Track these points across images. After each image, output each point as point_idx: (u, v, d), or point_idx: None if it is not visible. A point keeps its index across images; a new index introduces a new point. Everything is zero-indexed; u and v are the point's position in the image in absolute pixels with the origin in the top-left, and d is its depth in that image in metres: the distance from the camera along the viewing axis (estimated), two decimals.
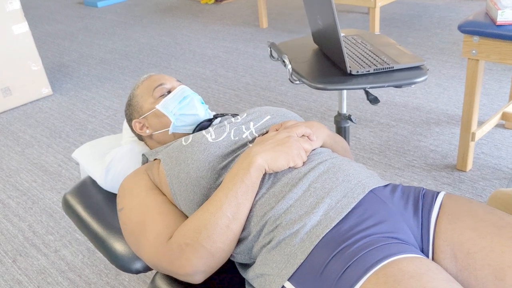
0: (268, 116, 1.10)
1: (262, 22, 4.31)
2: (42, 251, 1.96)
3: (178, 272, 0.90)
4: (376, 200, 0.89)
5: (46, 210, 2.20)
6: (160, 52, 4.03)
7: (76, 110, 3.18)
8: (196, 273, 0.89)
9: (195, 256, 0.88)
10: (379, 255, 0.77)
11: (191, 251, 0.88)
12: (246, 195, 0.90)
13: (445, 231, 0.86)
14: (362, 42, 1.50)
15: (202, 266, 0.88)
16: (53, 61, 4.11)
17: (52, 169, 2.52)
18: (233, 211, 0.88)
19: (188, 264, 0.88)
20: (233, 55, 3.78)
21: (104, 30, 4.85)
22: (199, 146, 1.00)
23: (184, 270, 0.89)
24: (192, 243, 0.88)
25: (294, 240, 0.84)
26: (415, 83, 1.24)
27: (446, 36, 3.67)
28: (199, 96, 1.22)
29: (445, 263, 0.85)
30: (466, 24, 1.87)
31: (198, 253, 0.87)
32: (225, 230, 0.88)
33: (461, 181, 2.10)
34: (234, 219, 0.89)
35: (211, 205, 0.90)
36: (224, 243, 0.88)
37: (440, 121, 2.57)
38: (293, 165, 0.94)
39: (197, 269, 0.89)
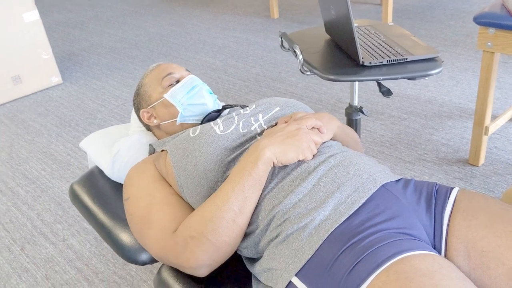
0: (277, 108, 1.08)
1: (273, 12, 4.27)
2: (50, 240, 1.96)
3: (183, 265, 0.88)
4: (388, 195, 0.87)
5: (54, 199, 2.21)
6: (170, 42, 4.01)
7: (86, 99, 3.17)
8: (201, 267, 0.88)
9: (200, 249, 0.86)
10: (390, 251, 0.75)
11: (196, 244, 0.86)
12: (253, 189, 0.88)
13: (459, 228, 0.84)
14: (375, 33, 1.47)
15: (207, 260, 0.87)
16: (63, 50, 4.11)
17: (61, 158, 2.52)
18: (239, 205, 0.87)
19: (193, 257, 0.86)
20: (243, 46, 3.75)
21: (115, 19, 4.84)
22: (207, 138, 0.98)
23: (189, 263, 0.87)
24: (197, 236, 0.86)
25: (302, 235, 0.83)
26: (429, 75, 1.21)
27: (460, 28, 3.61)
28: (208, 87, 1.20)
29: (458, 260, 0.82)
30: (482, 16, 1.83)
31: (203, 246, 0.86)
32: (231, 224, 0.86)
33: (473, 175, 2.07)
34: (241, 213, 0.87)
35: (218, 198, 0.88)
36: (229, 237, 0.87)
37: (452, 114, 2.53)
38: (302, 158, 0.92)
39: (202, 263, 0.87)
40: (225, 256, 0.89)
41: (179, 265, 0.90)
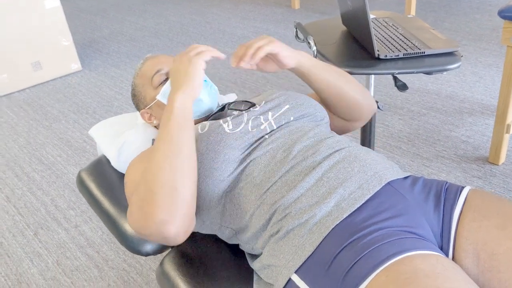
0: (287, 106, 1.05)
1: (294, 2, 4.22)
2: (63, 226, 1.98)
3: (152, 232, 0.84)
4: (394, 193, 0.84)
5: (69, 185, 2.22)
6: (190, 31, 4.00)
7: (104, 86, 3.18)
8: (167, 227, 0.82)
9: (153, 206, 0.83)
10: (391, 250, 0.72)
11: (147, 203, 0.83)
12: (178, 136, 0.88)
13: (469, 228, 0.80)
14: (393, 25, 1.42)
15: (166, 215, 0.82)
16: (83, 37, 4.13)
17: (77, 144, 2.54)
18: (171, 149, 0.86)
19: (151, 218, 0.82)
20: None
21: (136, 7, 4.84)
22: (216, 136, 0.95)
23: (154, 227, 0.82)
24: (145, 196, 0.84)
25: (302, 231, 0.80)
26: (446, 71, 1.17)
27: (486, 22, 3.51)
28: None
29: (466, 262, 0.79)
30: (507, 10, 1.76)
31: (154, 202, 0.83)
32: (169, 169, 0.84)
33: (493, 174, 2.01)
34: (174, 155, 0.86)
35: (151, 158, 0.88)
36: (174, 181, 0.84)
37: (473, 111, 2.47)
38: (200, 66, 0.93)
39: (163, 220, 0.82)
40: (184, 207, 0.84)
41: (152, 236, 0.85)
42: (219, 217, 0.94)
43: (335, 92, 1.10)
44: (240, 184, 0.91)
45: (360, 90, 1.13)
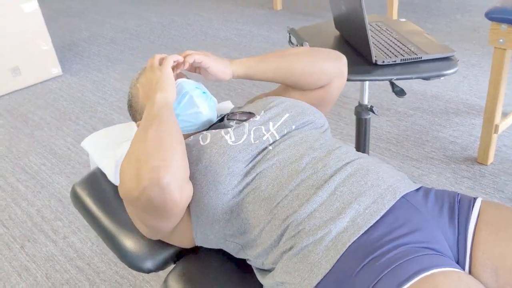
0: (287, 114, 1.03)
1: (276, 3, 4.21)
2: (51, 237, 1.93)
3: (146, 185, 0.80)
4: (409, 207, 0.83)
5: (55, 195, 2.17)
6: (172, 33, 3.95)
7: (86, 91, 3.12)
8: (160, 173, 0.80)
9: (144, 157, 0.82)
10: (413, 268, 0.70)
11: (138, 158, 0.83)
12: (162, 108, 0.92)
13: (485, 242, 0.80)
14: (387, 30, 1.42)
15: (158, 160, 0.81)
16: (63, 40, 4.05)
17: (61, 152, 2.48)
18: (154, 120, 0.89)
19: (144, 168, 0.81)
20: (246, 38, 3.69)
21: (115, 9, 4.76)
22: (218, 149, 0.93)
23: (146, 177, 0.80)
24: (136, 155, 0.85)
25: (318, 248, 0.78)
26: (444, 76, 1.17)
27: (466, 22, 3.55)
28: (200, 88, 1.10)
29: (484, 277, 0.78)
30: (494, 11, 1.78)
31: (144, 153, 0.83)
32: (155, 128, 0.87)
33: (482, 175, 2.03)
34: (158, 121, 0.88)
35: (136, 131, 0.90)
36: (161, 136, 0.86)
37: (459, 111, 2.49)
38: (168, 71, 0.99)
39: (156, 166, 0.80)
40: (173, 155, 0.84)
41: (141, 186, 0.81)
42: (223, 231, 0.92)
43: (287, 73, 1.13)
44: (247, 198, 0.89)
45: (312, 54, 1.14)
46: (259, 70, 1.12)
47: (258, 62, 1.12)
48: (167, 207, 0.83)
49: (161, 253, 1.02)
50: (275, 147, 0.94)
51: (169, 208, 0.83)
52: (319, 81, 1.15)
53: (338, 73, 1.16)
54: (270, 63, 1.12)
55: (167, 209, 0.83)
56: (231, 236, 0.92)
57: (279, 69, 1.12)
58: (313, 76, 1.13)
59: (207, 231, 0.93)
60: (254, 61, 1.12)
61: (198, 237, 0.96)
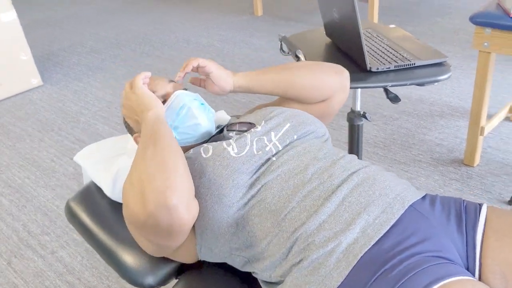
0: (288, 124, 1.02)
1: (257, 9, 4.21)
2: (38, 253, 1.88)
3: (152, 209, 0.79)
4: (417, 216, 0.83)
5: (40, 209, 2.12)
6: (153, 41, 3.92)
7: (68, 101, 3.07)
8: (167, 194, 0.78)
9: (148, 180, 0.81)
10: (427, 279, 0.70)
11: (142, 182, 0.82)
12: (156, 123, 0.92)
13: (493, 249, 0.80)
14: (377, 36, 1.43)
15: (163, 182, 0.80)
16: (42, 50, 3.98)
17: (45, 164, 2.43)
18: (152, 139, 0.88)
19: (149, 191, 0.79)
20: (228, 44, 3.68)
21: (94, 18, 4.71)
22: (222, 161, 0.92)
23: (153, 199, 0.78)
24: (138, 178, 0.83)
25: (329, 260, 0.78)
26: (438, 81, 1.18)
27: (447, 24, 3.61)
28: (198, 99, 1.08)
29: (495, 284, 0.79)
30: (478, 16, 1.80)
31: (148, 176, 0.82)
32: (153, 149, 0.86)
33: (469, 176, 2.05)
34: (157, 139, 0.88)
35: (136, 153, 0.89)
36: (162, 156, 0.85)
37: (444, 113, 2.52)
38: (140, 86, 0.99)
39: (162, 188, 0.79)
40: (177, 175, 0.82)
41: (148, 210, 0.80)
42: (229, 245, 0.91)
43: (288, 86, 1.13)
44: (253, 211, 0.88)
45: (314, 68, 1.14)
46: (260, 82, 1.11)
47: (259, 74, 1.12)
48: (175, 227, 0.81)
49: (162, 268, 1.00)
50: (279, 158, 0.94)
51: (177, 228, 0.82)
52: (321, 95, 1.15)
53: (340, 88, 1.16)
54: (271, 75, 1.12)
55: (175, 229, 0.82)
56: (237, 249, 0.90)
57: (280, 82, 1.12)
58: (315, 90, 1.13)
59: (212, 245, 0.92)
60: (255, 74, 1.12)
61: (202, 252, 0.94)
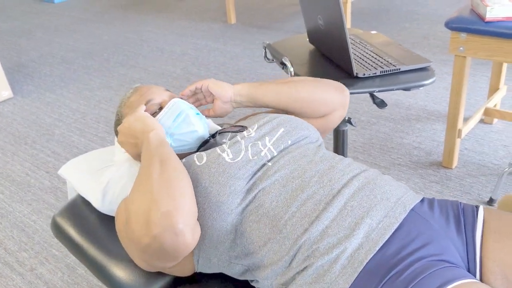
0: (282, 129, 1.02)
1: (230, 17, 4.22)
2: (17, 270, 1.82)
3: (157, 232, 0.77)
4: (418, 219, 0.83)
5: (17, 225, 2.05)
6: (126, 50, 3.87)
7: (41, 113, 2.99)
8: (173, 217, 0.77)
9: (153, 203, 0.79)
10: (434, 283, 0.71)
11: (146, 204, 0.80)
12: (159, 146, 0.92)
13: (493, 250, 0.81)
14: (360, 42, 1.44)
15: (169, 205, 0.78)
16: (10, 61, 3.88)
17: (19, 179, 2.36)
18: (155, 159, 0.87)
19: (154, 214, 0.77)
20: (203, 52, 3.67)
21: (64, 27, 4.62)
22: (217, 168, 0.90)
23: (158, 223, 0.77)
24: (141, 201, 0.82)
25: (334, 267, 0.77)
26: (424, 86, 1.19)
27: (416, 30, 3.68)
28: (194, 109, 1.09)
29: (496, 284, 0.80)
30: (454, 21, 1.85)
31: (153, 199, 0.80)
32: (158, 170, 0.85)
33: (448, 178, 2.09)
34: (161, 161, 0.87)
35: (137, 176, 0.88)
36: (168, 177, 0.83)
37: (420, 117, 2.57)
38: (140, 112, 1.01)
39: (167, 211, 0.78)
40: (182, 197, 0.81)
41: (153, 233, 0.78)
42: (228, 253, 0.89)
43: (289, 99, 1.13)
44: (251, 217, 0.87)
45: (316, 84, 1.15)
46: (262, 91, 1.11)
47: (261, 84, 1.12)
48: (179, 252, 0.80)
49: (156, 282, 0.97)
50: (275, 163, 0.93)
51: (181, 252, 0.81)
52: (321, 110, 1.15)
53: (340, 104, 1.17)
54: (272, 86, 1.12)
55: (178, 253, 0.81)
56: (236, 257, 0.89)
57: (282, 94, 1.12)
58: (316, 105, 1.13)
59: (210, 255, 0.90)
60: (256, 83, 1.12)
61: (200, 263, 0.92)
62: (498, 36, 1.76)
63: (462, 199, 1.96)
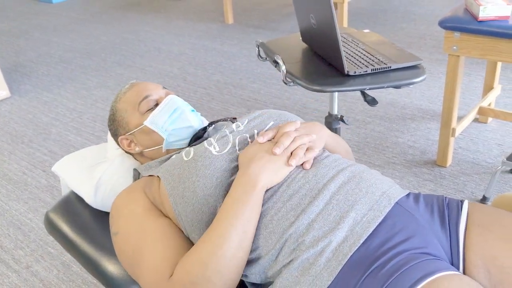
0: (271, 122, 1.03)
1: (227, 17, 4.23)
2: (12, 268, 1.83)
3: None
4: (403, 213, 0.85)
5: (13, 223, 2.06)
6: (124, 50, 3.88)
7: (38, 113, 3.00)
8: None
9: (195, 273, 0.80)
10: (416, 275, 0.72)
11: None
12: (252, 220, 0.83)
13: (476, 243, 0.82)
14: (353, 41, 1.45)
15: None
16: (8, 61, 3.89)
17: (16, 177, 2.37)
18: (240, 239, 0.82)
19: None
20: (200, 52, 3.68)
21: (62, 28, 4.64)
22: (204, 161, 0.91)
23: None
24: (198, 281, 0.80)
25: (319, 260, 0.78)
26: (414, 83, 1.21)
27: (412, 30, 3.70)
28: (190, 106, 1.11)
29: (479, 278, 0.81)
30: (447, 20, 1.86)
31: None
32: (233, 261, 0.81)
33: (442, 177, 2.10)
34: (242, 247, 0.82)
35: (215, 236, 0.82)
36: (232, 273, 0.81)
37: (415, 116, 2.58)
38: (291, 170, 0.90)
39: None
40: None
41: None
42: None
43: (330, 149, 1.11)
44: None
45: (348, 153, 1.14)
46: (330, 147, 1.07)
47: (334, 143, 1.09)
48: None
49: None
50: None
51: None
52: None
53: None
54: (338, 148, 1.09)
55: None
56: None
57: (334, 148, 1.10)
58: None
59: None
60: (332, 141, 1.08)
61: None
62: (491, 35, 1.78)
63: (456, 197, 1.98)
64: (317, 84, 1.23)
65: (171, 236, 0.91)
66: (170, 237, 0.90)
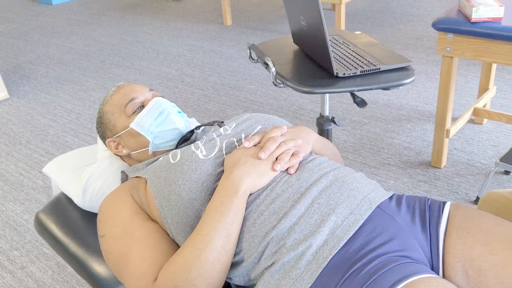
0: (259, 126, 1.04)
1: (226, 19, 4.24)
2: (7, 268, 1.84)
3: None
4: (384, 216, 0.85)
5: (9, 223, 2.07)
6: (122, 52, 3.90)
7: (36, 114, 3.02)
8: None
9: (179, 279, 0.81)
10: (393, 278, 0.72)
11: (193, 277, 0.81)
12: (235, 223, 0.84)
13: (455, 245, 0.83)
14: (344, 42, 1.46)
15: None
16: (7, 63, 3.90)
17: (13, 178, 2.38)
18: (223, 243, 0.82)
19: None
20: (198, 54, 3.69)
21: (61, 29, 4.65)
22: (190, 165, 0.92)
23: None
24: (182, 285, 0.81)
25: (300, 263, 0.79)
26: (403, 85, 1.21)
27: (409, 31, 3.70)
28: (176, 107, 1.12)
29: (456, 280, 0.81)
30: (441, 22, 1.87)
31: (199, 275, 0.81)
32: (216, 265, 0.82)
33: (437, 178, 2.11)
34: (225, 251, 0.83)
35: (199, 240, 0.83)
36: (215, 278, 0.82)
37: (411, 117, 2.58)
38: (275, 175, 0.90)
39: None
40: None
41: None
42: None
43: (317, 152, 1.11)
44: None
45: (335, 155, 1.15)
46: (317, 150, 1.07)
47: (320, 146, 1.09)
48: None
49: None
50: None
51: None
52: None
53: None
54: (325, 151, 1.10)
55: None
56: None
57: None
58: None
59: None
60: (319, 144, 1.09)
61: None
62: (484, 37, 1.78)
63: (450, 198, 1.98)
64: (306, 85, 1.24)
65: (157, 240, 0.91)
66: (155, 241, 0.91)
